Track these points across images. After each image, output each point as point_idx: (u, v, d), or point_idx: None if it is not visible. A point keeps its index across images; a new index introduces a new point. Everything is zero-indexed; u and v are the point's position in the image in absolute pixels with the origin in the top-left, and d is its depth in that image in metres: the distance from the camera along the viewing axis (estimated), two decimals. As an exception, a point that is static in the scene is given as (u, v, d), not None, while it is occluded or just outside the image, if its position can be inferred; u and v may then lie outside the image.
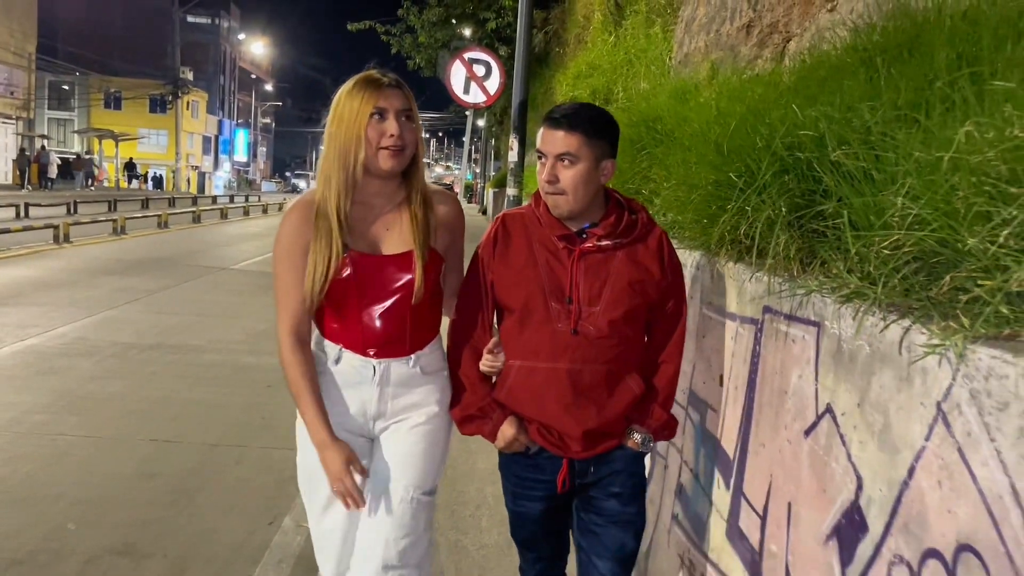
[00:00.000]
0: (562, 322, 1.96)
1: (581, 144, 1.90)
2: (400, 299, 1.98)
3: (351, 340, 2.01)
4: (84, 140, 44.54)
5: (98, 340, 6.83)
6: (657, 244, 2.02)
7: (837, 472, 1.42)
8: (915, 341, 1.20)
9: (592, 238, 1.98)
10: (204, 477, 4.09)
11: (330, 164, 1.93)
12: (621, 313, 1.96)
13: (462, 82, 9.00)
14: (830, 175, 1.60)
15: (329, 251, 1.91)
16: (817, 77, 2.81)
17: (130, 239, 15.56)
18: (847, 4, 3.73)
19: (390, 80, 1.93)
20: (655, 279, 2.00)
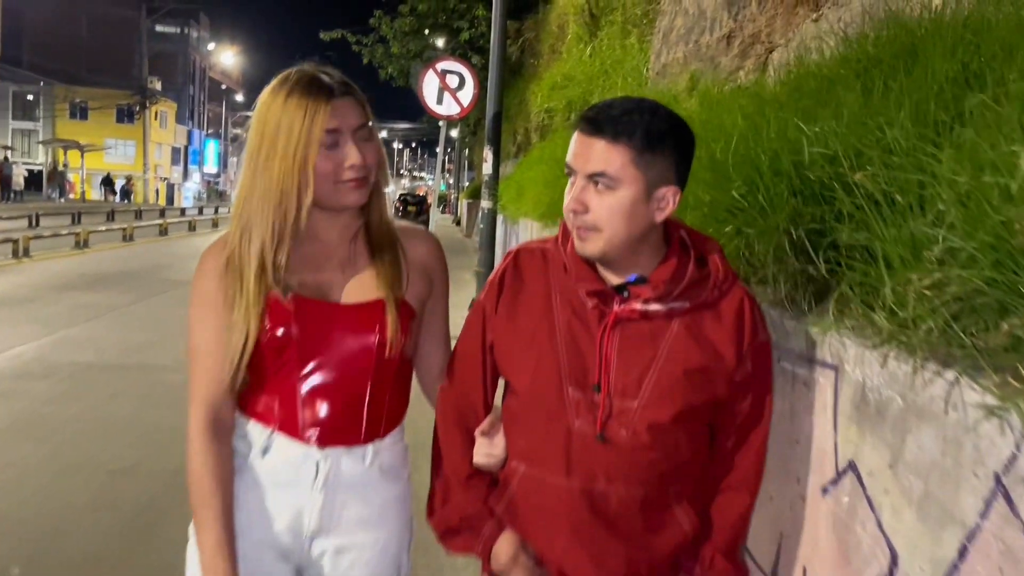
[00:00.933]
0: (583, 419, 1.35)
1: (627, 162, 1.29)
2: (358, 365, 1.46)
3: (285, 420, 1.46)
4: (49, 151, 43.69)
5: (56, 360, 6.54)
6: (736, 313, 1.36)
7: (865, 540, 1.25)
8: (964, 398, 1.04)
9: (636, 299, 1.35)
10: (164, 508, 3.84)
11: (254, 206, 1.41)
12: (671, 415, 1.33)
13: (435, 93, 8.82)
14: (847, 199, 1.43)
15: (245, 308, 1.41)
16: (808, 89, 2.68)
17: (93, 253, 15.14)
18: (833, 13, 3.62)
19: (339, 85, 1.42)
20: (727, 367, 1.35)
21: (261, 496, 1.47)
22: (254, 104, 1.43)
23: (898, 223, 1.28)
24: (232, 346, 1.41)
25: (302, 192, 1.39)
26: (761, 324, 1.40)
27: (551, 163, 5.97)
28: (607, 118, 1.30)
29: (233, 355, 1.41)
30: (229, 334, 1.41)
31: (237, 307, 1.41)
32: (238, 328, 1.41)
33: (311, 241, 1.48)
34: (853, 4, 3.40)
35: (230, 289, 1.42)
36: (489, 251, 8.86)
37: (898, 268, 1.20)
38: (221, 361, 1.43)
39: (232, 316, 1.41)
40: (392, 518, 1.55)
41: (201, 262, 1.48)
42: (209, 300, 1.44)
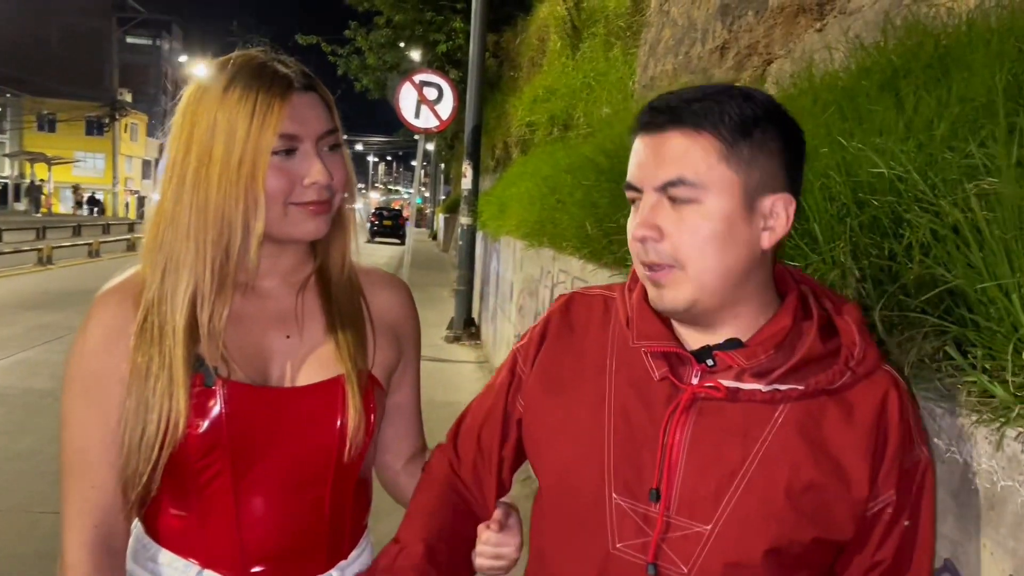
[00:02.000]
0: (629, 541, 0.95)
1: (716, 159, 0.90)
2: (317, 465, 1.10)
3: (218, 552, 1.07)
4: (15, 164, 42.88)
5: (9, 387, 6.16)
6: (877, 409, 0.93)
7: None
8: None
9: (725, 370, 0.94)
10: None
11: (181, 236, 1.04)
12: (760, 553, 0.90)
13: (413, 106, 8.57)
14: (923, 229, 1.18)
15: (167, 404, 1.02)
16: (823, 101, 2.48)
17: (56, 270, 14.66)
18: (838, 23, 3.43)
19: (300, 77, 1.07)
20: (856, 491, 0.91)
21: None
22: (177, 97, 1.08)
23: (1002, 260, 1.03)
24: (146, 437, 1.01)
25: (249, 217, 1.03)
26: (917, 433, 0.94)
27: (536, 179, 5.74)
28: (681, 103, 0.92)
29: (147, 453, 1.01)
30: (138, 419, 1.02)
31: (156, 380, 1.02)
32: (157, 413, 1.01)
33: (244, 291, 1.11)
34: (864, 12, 3.20)
35: (143, 356, 1.03)
36: (468, 269, 8.63)
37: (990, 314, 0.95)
38: (116, 464, 1.04)
39: (144, 393, 1.02)
40: None
41: (91, 316, 1.07)
42: (100, 374, 1.04)
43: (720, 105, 0.91)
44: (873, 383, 0.93)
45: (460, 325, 8.70)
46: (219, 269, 1.05)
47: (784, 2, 3.91)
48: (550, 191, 4.63)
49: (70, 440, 1.05)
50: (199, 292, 1.04)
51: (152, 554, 1.10)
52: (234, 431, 1.04)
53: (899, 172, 1.29)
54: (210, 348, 1.05)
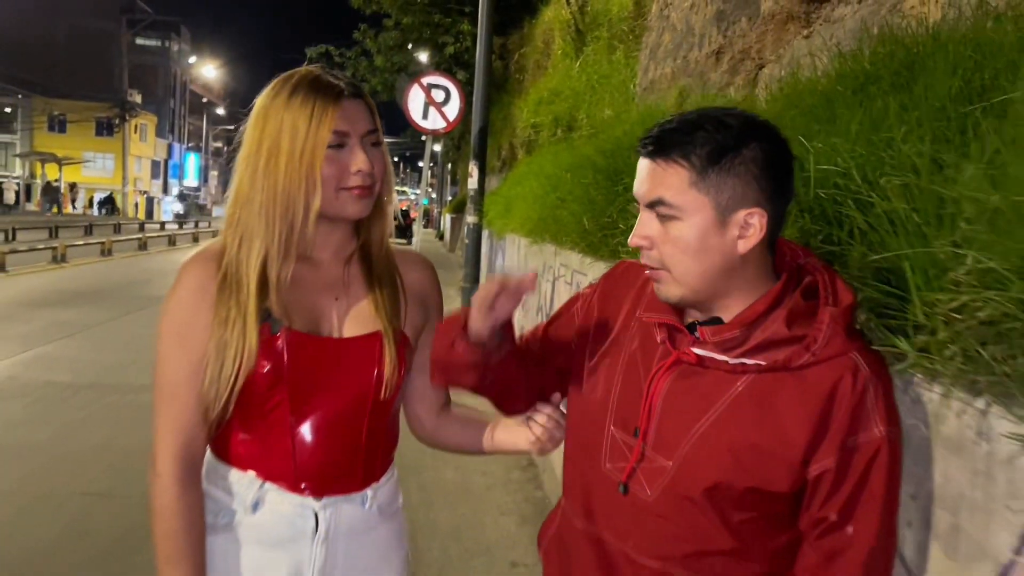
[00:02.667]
0: (618, 464, 1.18)
1: (687, 186, 1.08)
2: (357, 404, 1.34)
3: (278, 470, 1.32)
4: (26, 164, 43.26)
5: (29, 379, 6.38)
6: (827, 390, 1.05)
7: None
8: (995, 428, 0.99)
9: (703, 342, 1.13)
10: (141, 536, 3.66)
11: (255, 213, 1.29)
12: (701, 488, 1.10)
13: (420, 107, 8.78)
14: (860, 216, 1.39)
15: (241, 343, 1.26)
16: (803, 106, 2.66)
17: (71, 268, 14.91)
18: (825, 30, 3.61)
19: (349, 87, 1.30)
20: (792, 456, 1.06)
21: (253, 556, 1.32)
22: (249, 106, 1.32)
23: (917, 242, 1.23)
24: (224, 370, 1.25)
25: (309, 197, 1.27)
26: (873, 414, 1.05)
27: (540, 178, 5.93)
28: (661, 134, 1.10)
29: (224, 380, 1.25)
30: (219, 356, 1.26)
31: (233, 326, 1.26)
32: (234, 350, 1.25)
33: (302, 261, 1.34)
34: (846, 21, 3.38)
35: (222, 307, 1.28)
36: (474, 267, 8.79)
37: (922, 290, 1.15)
38: (200, 393, 1.28)
39: (224, 335, 1.26)
40: (393, 557, 1.45)
41: (181, 278, 1.31)
42: (189, 322, 1.28)
43: (692, 138, 1.07)
44: (832, 367, 1.06)
45: (466, 322, 8.85)
46: (284, 239, 1.29)
47: (775, 9, 4.09)
48: (552, 189, 4.81)
49: (163, 375, 1.29)
50: (269, 256, 1.29)
51: (223, 473, 1.34)
52: (293, 370, 1.28)
53: (841, 169, 1.49)
54: (276, 304, 1.29)
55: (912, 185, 1.31)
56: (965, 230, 1.12)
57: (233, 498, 1.33)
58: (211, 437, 1.34)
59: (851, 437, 1.04)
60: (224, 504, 1.33)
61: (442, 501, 4.05)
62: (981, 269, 1.05)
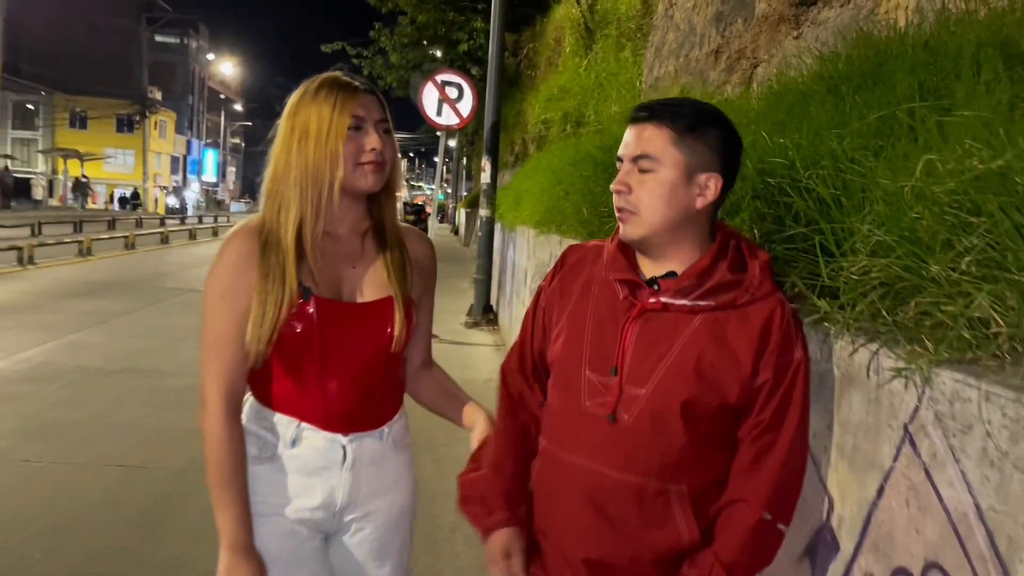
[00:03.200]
0: (595, 400, 1.42)
1: (668, 144, 1.36)
2: (374, 358, 1.62)
3: (312, 413, 1.60)
4: (48, 160, 43.95)
5: (63, 364, 6.71)
6: (764, 321, 1.36)
7: (809, 493, 1.44)
8: (883, 364, 1.24)
9: (664, 291, 1.40)
10: (174, 503, 4.02)
11: (291, 185, 1.55)
12: (675, 406, 1.36)
13: (435, 104, 9.05)
14: (800, 200, 1.64)
15: (282, 292, 1.52)
16: (785, 103, 2.87)
17: (96, 261, 15.31)
18: (812, 31, 3.83)
19: (364, 85, 1.61)
20: (741, 372, 1.35)
21: (295, 481, 1.60)
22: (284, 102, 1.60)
23: (841, 220, 1.49)
24: (266, 317, 1.51)
25: (334, 169, 1.53)
26: (794, 338, 1.36)
27: (547, 172, 6.17)
28: (654, 106, 1.41)
29: (268, 325, 1.51)
30: (261, 305, 1.52)
31: (274, 279, 1.52)
32: (275, 299, 1.51)
33: (326, 235, 1.60)
34: (829, 23, 3.60)
35: (264, 265, 1.54)
36: (487, 259, 9.04)
37: (834, 258, 1.41)
38: (240, 346, 1.54)
39: (266, 287, 1.52)
40: (403, 481, 1.74)
41: (227, 246, 1.57)
42: (235, 283, 1.54)
43: (677, 109, 1.39)
44: (765, 304, 1.36)
45: (479, 312, 9.11)
46: (315, 205, 1.56)
47: (768, 11, 4.30)
48: (558, 182, 5.05)
49: (211, 330, 1.57)
50: (304, 220, 1.56)
51: (266, 415, 1.62)
52: (322, 331, 1.56)
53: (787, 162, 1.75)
54: (307, 274, 1.56)
55: (832, 174, 1.57)
56: (868, 211, 1.37)
57: (276, 436, 1.61)
58: (253, 384, 1.62)
59: (782, 357, 1.34)
60: (268, 441, 1.61)
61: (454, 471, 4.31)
62: (875, 240, 1.30)
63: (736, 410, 1.37)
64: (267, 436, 1.61)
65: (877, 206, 1.37)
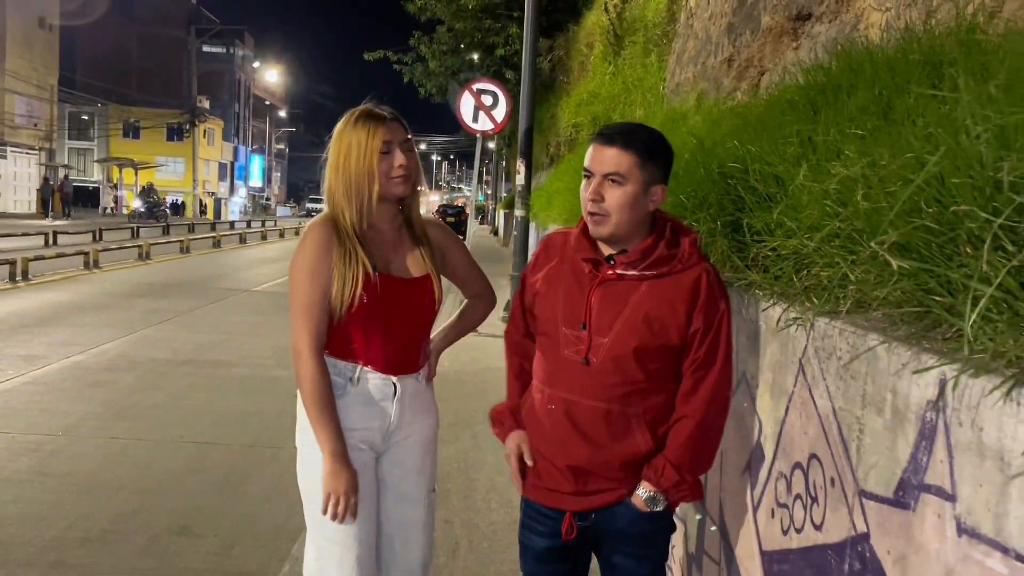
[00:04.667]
0: (572, 349, 1.88)
1: (633, 165, 1.80)
2: (419, 320, 2.16)
3: (373, 360, 2.09)
4: (105, 169, 45.59)
5: (137, 356, 7.37)
6: (693, 283, 1.81)
7: (748, 419, 1.90)
8: (790, 317, 1.70)
9: (619, 265, 1.87)
10: (245, 472, 4.59)
11: (341, 195, 2.04)
12: (629, 350, 1.82)
13: (471, 111, 9.56)
14: (748, 197, 2.09)
15: (358, 270, 2.00)
16: (777, 111, 3.27)
17: (155, 264, 16.21)
18: (808, 44, 4.20)
19: (391, 114, 2.05)
20: (678, 321, 1.81)
21: (359, 410, 2.09)
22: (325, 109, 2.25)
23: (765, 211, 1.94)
24: (346, 288, 2.00)
25: (371, 184, 2.03)
26: (718, 294, 1.82)
27: (573, 174, 6.61)
28: (618, 132, 1.84)
29: (347, 294, 2.00)
30: (341, 281, 2.00)
31: (351, 270, 2.01)
32: (352, 273, 2.00)
33: (375, 230, 2.11)
34: (821, 36, 3.98)
35: (341, 249, 2.02)
36: (523, 256, 9.52)
37: (763, 239, 1.87)
38: (324, 307, 2.01)
39: (344, 268, 2.01)
40: (432, 410, 2.27)
41: (308, 236, 2.05)
42: (320, 261, 2.01)
43: (637, 136, 1.84)
44: (694, 271, 1.84)
45: (515, 307, 9.56)
46: (359, 210, 2.06)
47: (771, 24, 4.68)
48: (582, 184, 5.47)
49: (300, 296, 2.02)
50: (354, 219, 2.06)
51: (335, 363, 2.09)
52: (384, 299, 2.06)
53: (739, 165, 2.20)
54: (367, 257, 2.05)
55: (770, 175, 2.02)
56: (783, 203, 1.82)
57: (345, 379, 2.10)
58: (332, 338, 2.09)
59: (709, 308, 1.81)
60: (339, 383, 2.09)
61: (488, 445, 4.83)
62: (788, 226, 1.76)
63: (677, 350, 1.83)
64: (337, 379, 2.08)
65: (789, 201, 1.83)
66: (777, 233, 1.82)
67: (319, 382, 2.00)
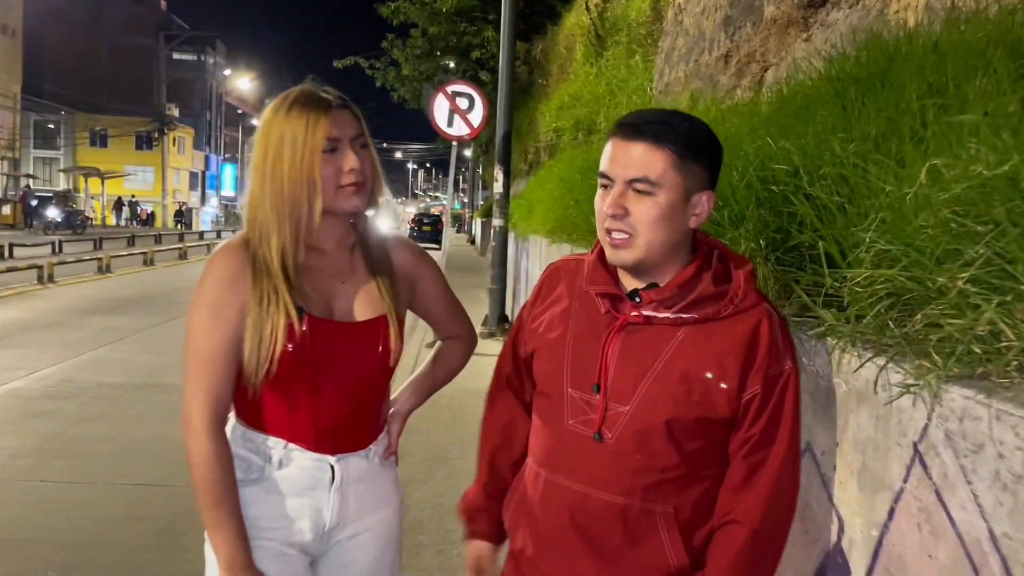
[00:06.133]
0: (580, 419, 1.37)
1: (668, 167, 1.28)
2: (365, 376, 1.59)
3: (302, 434, 1.55)
4: (70, 178, 44.51)
5: (84, 381, 6.78)
6: (749, 332, 1.29)
7: (819, 513, 1.40)
8: (891, 380, 1.20)
9: (647, 304, 1.34)
10: (191, 519, 3.96)
11: (268, 211, 1.49)
12: (660, 422, 1.30)
13: (446, 115, 9.06)
14: (804, 208, 1.60)
15: (278, 318, 1.46)
16: (792, 107, 2.82)
17: (116, 277, 15.48)
18: (821, 34, 3.78)
19: (337, 99, 1.51)
20: (729, 385, 1.29)
21: (282, 502, 1.55)
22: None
23: (845, 228, 1.45)
24: (263, 342, 1.46)
25: (312, 197, 1.47)
26: (783, 349, 1.30)
27: (557, 181, 6.16)
28: (646, 122, 1.29)
29: (264, 351, 1.46)
30: (257, 331, 1.46)
31: (269, 305, 1.46)
32: (271, 324, 1.46)
33: (312, 250, 1.54)
34: (839, 25, 3.56)
35: (258, 289, 1.48)
36: (501, 268, 9.03)
37: (838, 268, 1.37)
38: (229, 362, 1.47)
39: (261, 313, 1.46)
40: (391, 499, 1.70)
41: (213, 265, 1.50)
42: (224, 300, 1.47)
43: (674, 128, 1.29)
44: (751, 315, 1.30)
45: (494, 322, 9.09)
46: (294, 233, 1.50)
47: (776, 15, 4.26)
48: (568, 191, 5.02)
49: (196, 345, 1.48)
50: (284, 249, 1.50)
51: (251, 437, 1.56)
52: (313, 351, 1.50)
53: (788, 168, 1.71)
54: (297, 292, 1.50)
55: (838, 179, 1.53)
56: (872, 219, 1.33)
57: (262, 457, 1.55)
58: (237, 404, 1.55)
59: (771, 368, 1.28)
60: (256, 463, 1.55)
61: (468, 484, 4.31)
62: (880, 250, 1.26)
63: (724, 425, 1.30)
64: (253, 458, 1.55)
65: (882, 213, 1.33)
66: (862, 258, 1.32)
67: (214, 466, 1.46)
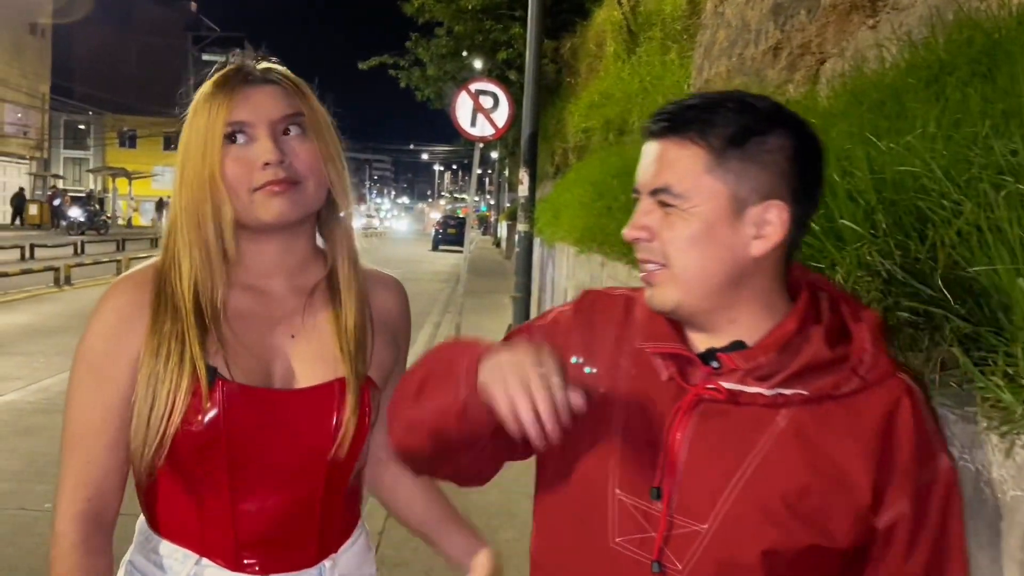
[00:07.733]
0: (631, 536, 0.94)
1: (701, 169, 0.91)
2: (309, 467, 1.12)
3: (215, 545, 1.11)
4: (98, 179, 44.88)
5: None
6: (885, 416, 0.90)
7: None
8: None
9: (730, 373, 0.93)
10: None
11: (179, 232, 1.11)
12: (754, 556, 0.89)
13: (468, 115, 8.64)
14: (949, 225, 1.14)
15: (180, 376, 1.06)
16: (871, 100, 2.43)
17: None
18: (892, 19, 3.34)
19: (252, 72, 1.13)
20: (857, 498, 0.89)
21: None
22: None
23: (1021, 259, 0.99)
24: (156, 409, 1.05)
25: (218, 205, 1.08)
26: (936, 443, 0.92)
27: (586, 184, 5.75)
28: (677, 111, 0.93)
29: (156, 421, 1.05)
30: (149, 392, 1.06)
31: (169, 357, 1.06)
32: (168, 385, 1.05)
33: (246, 291, 1.15)
34: (916, 7, 3.12)
35: (155, 336, 1.08)
36: (525, 276, 8.62)
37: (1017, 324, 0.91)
38: (111, 441, 1.08)
39: (156, 368, 1.06)
40: None
41: (105, 302, 1.12)
42: (109, 353, 1.09)
43: (713, 115, 0.91)
44: (884, 390, 0.90)
45: (518, 332, 8.72)
46: (205, 255, 1.10)
47: (836, 0, 3.83)
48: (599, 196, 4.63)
49: (72, 417, 1.10)
50: (198, 281, 1.10)
51: (154, 545, 1.14)
52: (231, 431, 1.08)
53: (923, 171, 1.25)
54: (214, 349, 1.09)
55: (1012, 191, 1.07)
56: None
57: (164, 574, 1.12)
58: (140, 493, 1.14)
59: (923, 472, 0.89)
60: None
61: (484, 525, 3.86)
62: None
63: (847, 557, 0.90)
64: (155, 573, 1.13)
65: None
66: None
67: None
